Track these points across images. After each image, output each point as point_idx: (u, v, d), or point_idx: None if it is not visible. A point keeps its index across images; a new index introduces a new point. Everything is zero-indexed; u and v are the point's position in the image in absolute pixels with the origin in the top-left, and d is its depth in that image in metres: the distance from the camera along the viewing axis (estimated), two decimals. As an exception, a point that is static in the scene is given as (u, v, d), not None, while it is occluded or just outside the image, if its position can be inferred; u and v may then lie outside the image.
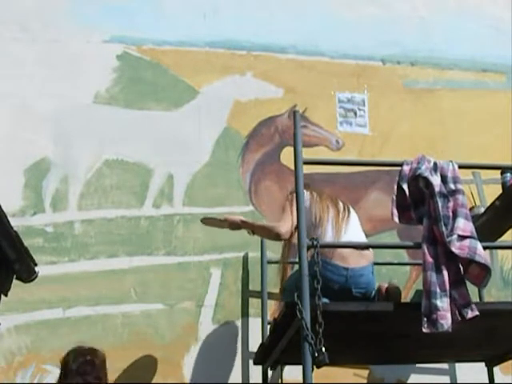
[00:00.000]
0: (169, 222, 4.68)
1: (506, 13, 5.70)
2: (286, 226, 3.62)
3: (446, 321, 2.92)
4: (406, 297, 4.49)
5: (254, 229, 3.82)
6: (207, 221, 4.09)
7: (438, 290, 2.96)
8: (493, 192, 4.16)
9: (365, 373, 4.46)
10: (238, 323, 4.46)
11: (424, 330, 2.94)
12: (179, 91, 5.06)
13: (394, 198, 3.22)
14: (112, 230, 4.60)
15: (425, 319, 2.95)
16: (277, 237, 3.67)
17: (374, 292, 3.51)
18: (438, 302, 2.94)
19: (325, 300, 3.27)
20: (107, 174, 4.75)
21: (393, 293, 3.42)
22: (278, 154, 4.97)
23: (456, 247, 3.00)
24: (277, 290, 3.89)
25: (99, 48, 5.08)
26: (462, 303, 2.98)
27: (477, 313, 2.98)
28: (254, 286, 4.49)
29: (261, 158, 4.95)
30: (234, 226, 3.88)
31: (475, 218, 3.46)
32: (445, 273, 2.99)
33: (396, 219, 3.20)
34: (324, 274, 3.19)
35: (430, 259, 3.02)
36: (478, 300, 4.17)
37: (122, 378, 4.18)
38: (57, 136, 4.79)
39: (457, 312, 2.96)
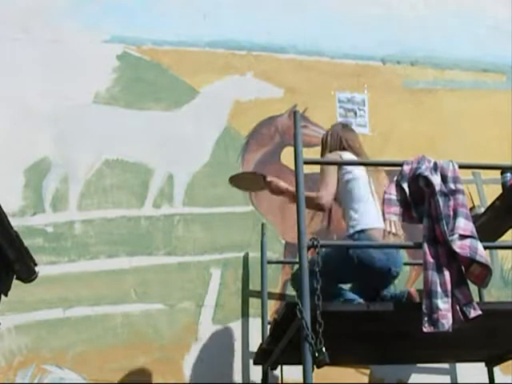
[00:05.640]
0: (169, 221, 4.68)
1: (506, 13, 5.70)
2: (327, 196, 3.44)
3: (446, 320, 2.91)
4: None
5: (294, 199, 3.40)
6: (240, 177, 3.78)
7: (439, 289, 2.95)
8: (493, 192, 4.16)
9: (365, 373, 4.46)
10: (238, 323, 4.45)
11: (424, 330, 2.93)
12: (179, 91, 5.06)
13: (392, 197, 3.21)
14: (112, 230, 4.60)
15: (425, 319, 2.94)
16: (317, 208, 3.46)
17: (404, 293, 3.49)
18: (439, 302, 2.93)
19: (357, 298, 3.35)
20: (107, 174, 4.75)
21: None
22: (278, 154, 4.97)
23: (457, 246, 2.99)
24: (277, 290, 3.88)
25: (99, 48, 5.08)
26: (464, 303, 2.97)
27: (479, 312, 2.96)
28: (254, 285, 4.49)
29: (261, 158, 4.95)
30: (276, 191, 3.63)
31: (475, 218, 3.46)
32: (446, 272, 2.98)
33: (397, 218, 3.20)
34: (368, 251, 3.26)
35: (430, 259, 3.01)
36: (478, 300, 4.17)
37: (122, 378, 4.18)
38: (57, 136, 4.79)
39: (459, 312, 2.95)
